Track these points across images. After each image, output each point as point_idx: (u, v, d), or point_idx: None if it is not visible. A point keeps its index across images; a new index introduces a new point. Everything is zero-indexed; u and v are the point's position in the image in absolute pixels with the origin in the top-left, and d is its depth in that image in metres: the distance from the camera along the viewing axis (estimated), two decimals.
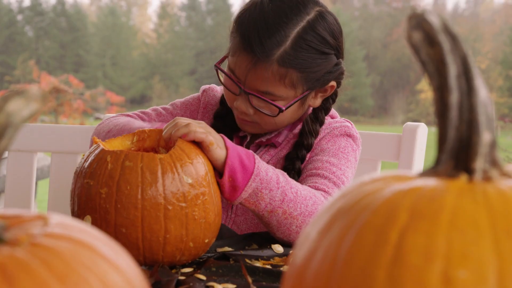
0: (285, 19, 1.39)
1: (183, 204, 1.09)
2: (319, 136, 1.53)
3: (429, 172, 0.57)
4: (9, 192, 1.96)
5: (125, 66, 42.06)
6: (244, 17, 1.44)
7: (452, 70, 0.56)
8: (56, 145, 1.93)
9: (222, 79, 1.50)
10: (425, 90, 34.61)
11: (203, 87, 1.69)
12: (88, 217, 1.10)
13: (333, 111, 1.62)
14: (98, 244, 0.53)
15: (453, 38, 0.56)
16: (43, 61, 39.43)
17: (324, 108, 1.55)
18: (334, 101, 1.56)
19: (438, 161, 0.57)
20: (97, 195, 1.09)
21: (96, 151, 1.14)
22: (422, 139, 1.77)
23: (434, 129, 0.59)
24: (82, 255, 0.51)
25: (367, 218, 0.52)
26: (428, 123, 1.81)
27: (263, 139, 1.55)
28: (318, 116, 1.54)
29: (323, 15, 1.44)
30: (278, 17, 1.39)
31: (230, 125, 1.55)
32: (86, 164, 1.13)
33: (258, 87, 1.42)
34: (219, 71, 1.50)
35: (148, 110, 1.65)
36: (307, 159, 1.51)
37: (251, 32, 1.40)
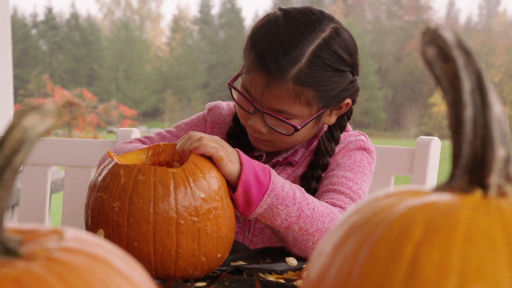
0: (300, 36, 1.38)
1: (195, 219, 1.09)
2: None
3: (443, 187, 0.57)
4: (23, 205, 1.97)
5: (138, 79, 42.22)
6: (259, 35, 1.42)
7: (466, 85, 0.56)
8: (70, 159, 1.94)
9: (235, 97, 1.49)
10: (438, 104, 34.51)
11: (208, 105, 1.67)
12: (101, 231, 1.10)
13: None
14: (113, 259, 0.54)
15: (467, 54, 0.56)
16: (56, 75, 39.66)
17: (339, 126, 1.54)
18: (349, 118, 1.55)
19: (452, 176, 0.57)
20: (110, 209, 1.09)
21: (110, 165, 1.14)
22: (436, 153, 1.77)
23: (447, 143, 0.59)
24: (97, 270, 0.51)
25: (381, 233, 0.52)
26: (441, 137, 1.80)
27: (280, 158, 1.54)
28: (333, 134, 1.53)
29: (338, 32, 1.43)
30: (293, 35, 1.38)
31: (244, 143, 1.54)
32: (100, 178, 1.14)
33: (273, 105, 1.41)
34: (232, 89, 1.49)
35: (152, 134, 1.64)
36: (322, 174, 1.50)
37: (266, 51, 1.38)
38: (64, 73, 40.81)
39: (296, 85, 1.38)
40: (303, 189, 1.32)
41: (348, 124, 1.61)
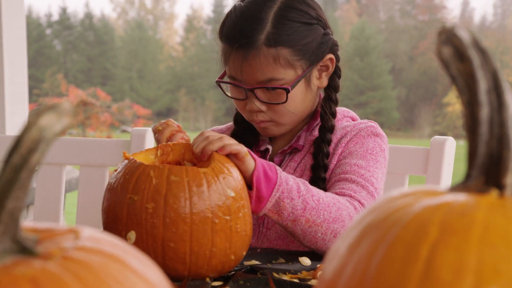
0: (259, 7, 1.44)
1: (228, 217, 1.10)
2: (346, 139, 1.52)
3: (459, 187, 0.57)
4: (38, 204, 1.98)
5: (151, 79, 42.29)
6: (224, 25, 1.49)
7: (482, 85, 0.56)
8: (84, 158, 1.95)
9: (229, 94, 1.53)
10: (452, 103, 34.34)
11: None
12: (133, 233, 1.09)
13: (353, 114, 1.63)
14: (128, 258, 0.54)
15: (483, 53, 0.56)
16: (71, 74, 39.80)
17: (333, 87, 1.56)
18: (339, 77, 1.57)
19: (468, 176, 0.57)
20: (143, 210, 1.08)
21: (134, 166, 1.14)
22: (450, 153, 1.76)
23: (461, 142, 0.59)
24: (113, 269, 0.51)
25: (397, 233, 0.52)
26: (455, 136, 1.80)
27: (285, 148, 1.56)
28: (330, 96, 1.56)
29: None
30: (253, 9, 1.44)
31: (249, 142, 1.58)
32: (124, 179, 1.13)
33: (257, 78, 1.44)
34: (222, 86, 1.53)
35: None
36: (335, 162, 1.51)
37: (232, 32, 1.45)
38: (78, 73, 40.95)
39: (269, 48, 1.42)
40: (306, 182, 1.34)
41: (356, 115, 1.63)
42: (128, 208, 1.10)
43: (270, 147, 1.58)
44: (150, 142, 1.89)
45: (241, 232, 1.13)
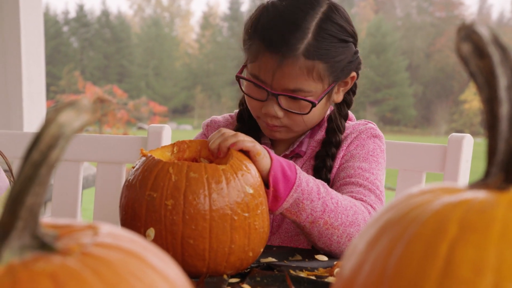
0: (302, 13, 1.41)
1: (246, 214, 1.10)
2: (347, 142, 1.52)
3: (478, 184, 0.57)
4: (55, 201, 1.99)
5: (167, 76, 42.38)
6: (259, 21, 1.45)
7: (502, 82, 0.55)
8: (101, 155, 1.95)
9: (244, 89, 1.51)
10: (469, 101, 34.14)
11: (204, 122, 1.70)
12: (152, 230, 1.09)
13: (349, 114, 1.62)
14: (147, 254, 0.54)
15: (503, 50, 0.56)
16: (87, 71, 39.98)
17: (347, 102, 1.55)
18: (354, 93, 1.57)
19: (487, 174, 0.57)
20: (162, 207, 1.08)
21: (153, 163, 1.14)
22: (468, 150, 1.75)
23: (478, 140, 0.58)
24: (131, 265, 0.51)
25: (416, 230, 0.52)
26: (471, 134, 1.79)
27: (287, 152, 1.55)
28: (341, 111, 1.55)
29: (335, 5, 1.46)
30: (295, 13, 1.41)
31: None
32: (142, 176, 1.12)
33: (287, 85, 1.42)
34: (241, 81, 1.50)
35: None
36: (337, 166, 1.51)
37: (272, 32, 1.41)
38: (95, 70, 41.12)
39: (306, 59, 1.39)
40: (325, 184, 1.34)
41: (351, 114, 1.62)
42: (147, 205, 1.10)
43: (272, 151, 1.57)
44: (166, 139, 1.90)
45: (259, 229, 1.13)
